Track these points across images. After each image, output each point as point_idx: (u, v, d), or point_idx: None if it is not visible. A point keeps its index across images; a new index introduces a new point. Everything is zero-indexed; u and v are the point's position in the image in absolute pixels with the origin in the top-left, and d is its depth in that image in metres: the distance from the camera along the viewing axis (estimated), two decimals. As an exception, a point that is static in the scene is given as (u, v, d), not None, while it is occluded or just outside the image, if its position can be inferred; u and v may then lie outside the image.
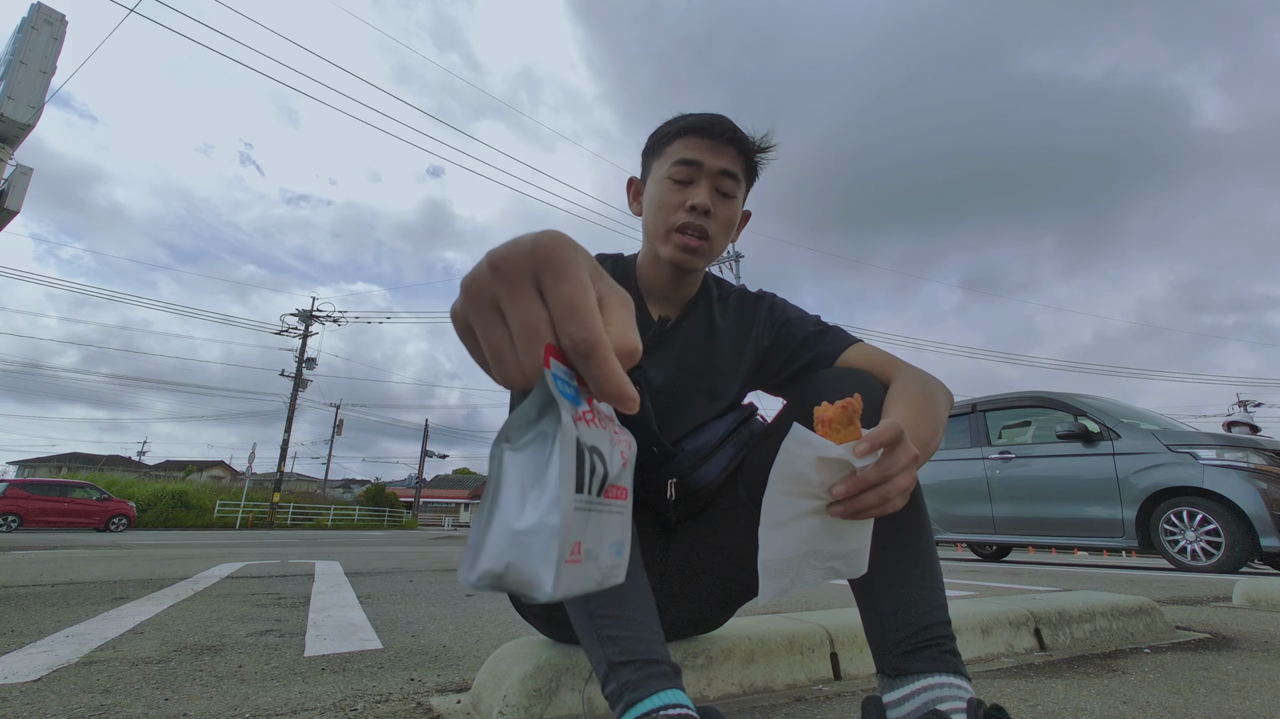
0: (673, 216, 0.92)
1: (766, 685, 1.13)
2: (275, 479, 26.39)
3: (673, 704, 0.59)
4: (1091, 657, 1.46)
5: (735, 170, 0.93)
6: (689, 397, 0.97)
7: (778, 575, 0.61)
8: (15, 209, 5.96)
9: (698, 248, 0.91)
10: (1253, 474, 4.57)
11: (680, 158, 0.92)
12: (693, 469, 0.94)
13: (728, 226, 0.95)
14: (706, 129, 0.92)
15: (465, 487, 62.10)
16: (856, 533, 0.64)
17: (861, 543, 0.64)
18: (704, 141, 0.91)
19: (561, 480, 0.29)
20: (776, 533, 0.61)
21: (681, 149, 0.92)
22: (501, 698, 0.90)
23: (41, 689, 1.15)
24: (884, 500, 0.59)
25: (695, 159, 0.91)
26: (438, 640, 1.67)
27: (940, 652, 0.70)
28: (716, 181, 0.92)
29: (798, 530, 0.61)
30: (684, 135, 0.93)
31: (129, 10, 9.27)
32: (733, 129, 0.92)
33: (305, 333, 27.87)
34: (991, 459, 6.09)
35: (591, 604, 0.66)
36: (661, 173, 0.94)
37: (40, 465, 45.01)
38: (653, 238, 0.95)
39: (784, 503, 0.61)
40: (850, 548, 0.64)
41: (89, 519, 16.42)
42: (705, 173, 0.91)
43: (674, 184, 0.92)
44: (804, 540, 0.62)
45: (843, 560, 0.63)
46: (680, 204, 0.91)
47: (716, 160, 0.91)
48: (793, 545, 0.61)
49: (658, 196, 0.94)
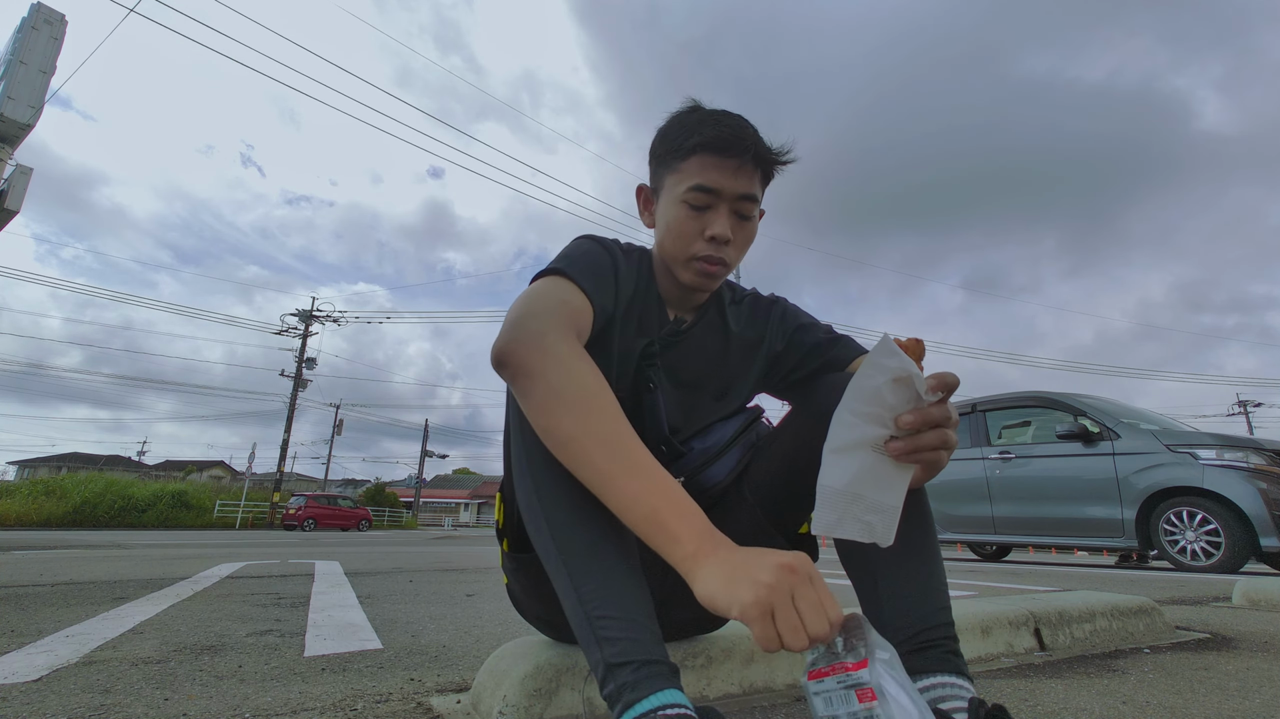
0: (692, 246, 0.88)
1: (767, 685, 1.13)
2: (275, 479, 26.39)
3: (671, 704, 0.59)
4: (1091, 657, 1.46)
5: (755, 193, 0.88)
6: (700, 397, 0.97)
7: (830, 507, 0.66)
8: (15, 209, 5.96)
9: (715, 273, 0.89)
10: (1253, 474, 4.57)
11: (697, 184, 0.86)
12: (701, 469, 0.94)
13: (745, 246, 0.92)
14: (725, 149, 0.85)
15: (465, 486, 62.10)
16: (898, 485, 0.67)
17: (897, 501, 0.66)
18: (723, 162, 0.85)
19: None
20: (837, 458, 0.65)
21: (698, 171, 0.86)
22: (501, 698, 0.90)
23: (41, 689, 1.15)
24: (943, 444, 0.62)
25: (714, 187, 0.85)
26: (438, 640, 1.67)
27: (943, 652, 0.70)
28: (735, 206, 0.87)
29: (854, 462, 0.65)
30: (700, 153, 0.86)
31: (129, 10, 9.27)
32: (754, 144, 0.85)
33: (305, 333, 27.86)
34: (991, 459, 6.10)
35: (589, 605, 0.66)
36: (676, 194, 0.88)
37: (40, 465, 44.97)
38: (670, 260, 0.92)
39: (851, 424, 0.66)
40: (889, 503, 0.66)
41: (349, 521, 23.97)
42: (724, 198, 0.86)
43: (691, 210, 0.87)
44: (856, 477, 0.65)
45: (879, 517, 0.66)
46: (699, 233, 0.87)
47: (736, 185, 0.86)
48: (847, 477, 0.65)
49: (674, 223, 0.89)
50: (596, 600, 0.66)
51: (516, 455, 0.75)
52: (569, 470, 0.68)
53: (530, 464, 0.73)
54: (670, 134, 0.91)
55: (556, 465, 0.70)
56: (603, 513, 0.69)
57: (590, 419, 0.66)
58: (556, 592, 0.70)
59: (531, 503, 0.72)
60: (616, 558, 0.69)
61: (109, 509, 21.12)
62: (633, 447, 0.66)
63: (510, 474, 0.83)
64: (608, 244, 0.93)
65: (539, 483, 0.72)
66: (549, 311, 0.74)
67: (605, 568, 0.68)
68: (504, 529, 0.90)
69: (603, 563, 0.68)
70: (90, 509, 20.78)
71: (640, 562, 0.73)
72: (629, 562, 0.69)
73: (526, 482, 0.73)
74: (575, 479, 0.68)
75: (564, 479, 0.70)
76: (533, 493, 0.72)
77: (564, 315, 0.75)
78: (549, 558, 0.70)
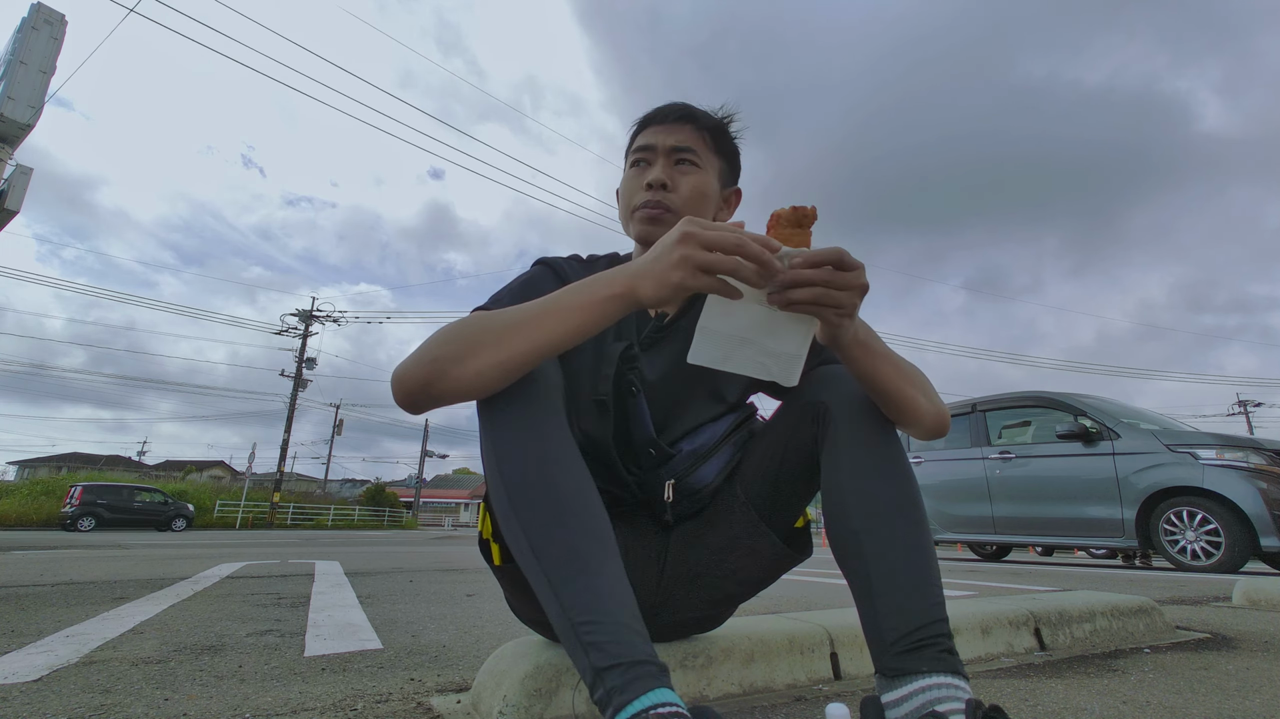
0: (634, 198, 0.96)
1: (767, 685, 1.13)
2: (275, 479, 26.39)
3: (662, 703, 0.59)
4: (1091, 657, 1.46)
5: (691, 145, 0.96)
6: (688, 396, 0.97)
7: (710, 346, 0.69)
8: (15, 209, 5.96)
9: (658, 216, 0.93)
10: (1253, 474, 4.57)
11: (636, 146, 0.98)
12: (690, 470, 0.93)
13: (697, 198, 0.95)
14: (658, 116, 0.98)
15: (465, 486, 62.11)
16: (793, 336, 0.70)
17: (797, 349, 0.70)
18: (657, 127, 0.97)
19: None
20: (720, 307, 0.68)
21: (639, 140, 0.98)
22: (501, 698, 0.90)
23: (41, 689, 1.15)
24: (815, 300, 0.65)
25: (649, 143, 0.96)
26: (438, 640, 1.67)
27: (938, 651, 0.70)
28: (673, 158, 0.96)
29: (741, 313, 0.68)
30: (641, 128, 0.99)
31: (129, 10, 9.27)
32: (684, 108, 0.98)
33: (305, 333, 27.87)
34: (991, 459, 6.09)
35: (571, 612, 0.65)
36: (625, 167, 1.00)
37: (40, 465, 45.00)
38: (625, 226, 1.00)
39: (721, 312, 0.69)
40: (786, 351, 0.70)
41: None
42: (659, 153, 0.96)
43: (634, 170, 0.98)
44: (744, 325, 0.69)
45: (776, 361, 0.70)
46: (639, 186, 0.96)
47: (669, 139, 0.96)
48: (732, 325, 0.69)
49: (622, 188, 1.00)
50: (579, 606, 0.65)
51: (489, 466, 0.75)
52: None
53: (503, 474, 0.72)
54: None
55: (530, 474, 0.71)
56: (579, 518, 0.69)
57: (473, 322, 0.73)
58: (540, 601, 0.69)
59: (506, 512, 0.72)
60: (597, 562, 0.68)
61: (109, 509, 21.09)
62: (517, 308, 0.73)
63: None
64: (557, 264, 0.99)
65: (512, 493, 0.71)
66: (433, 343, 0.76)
67: (585, 573, 0.67)
68: (492, 538, 0.90)
69: (582, 568, 0.67)
70: (90, 509, 20.75)
71: (625, 564, 0.72)
72: (610, 565, 0.69)
73: (500, 492, 0.72)
74: (549, 486, 0.70)
75: (538, 486, 0.70)
76: (506, 502, 0.72)
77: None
78: (529, 566, 0.70)
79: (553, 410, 0.75)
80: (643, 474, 0.94)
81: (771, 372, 0.70)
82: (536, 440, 0.72)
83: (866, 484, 0.78)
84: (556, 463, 0.72)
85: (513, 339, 0.70)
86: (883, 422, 0.81)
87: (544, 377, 0.76)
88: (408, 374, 0.71)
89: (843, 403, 0.83)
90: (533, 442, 0.72)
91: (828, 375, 0.87)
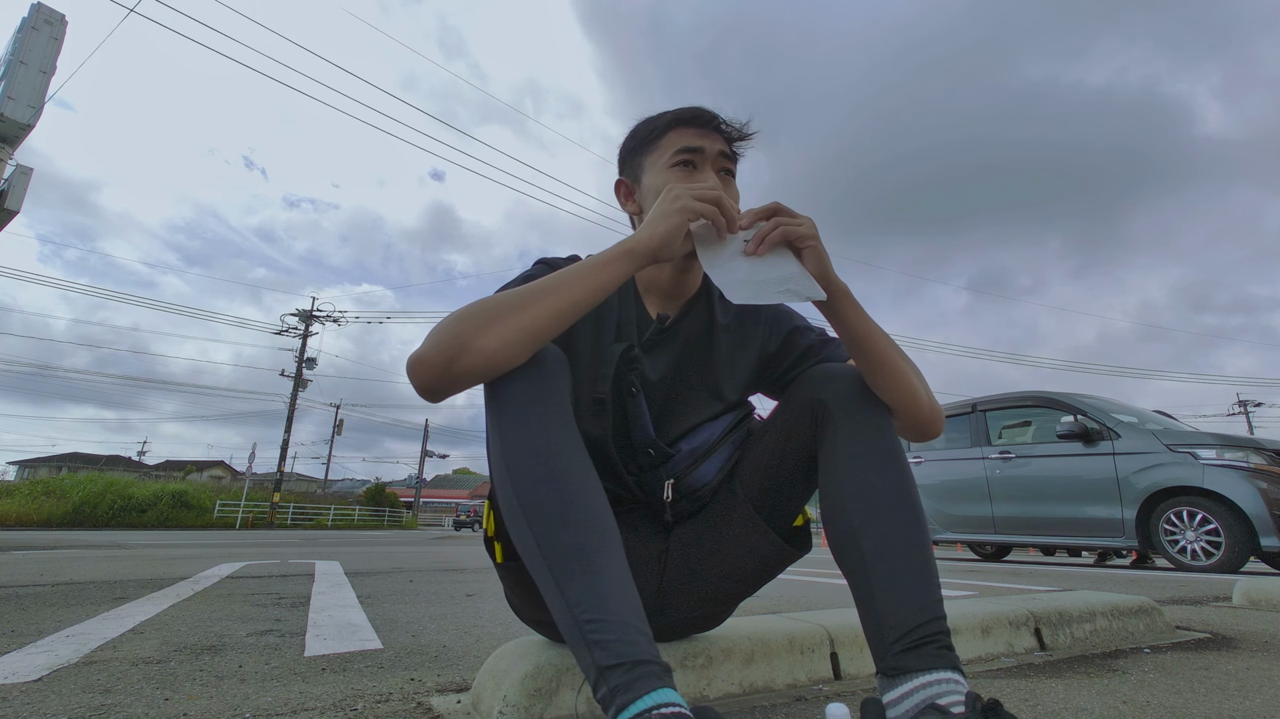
0: None
1: (767, 685, 1.13)
2: (275, 479, 26.39)
3: (665, 703, 0.59)
4: (1091, 657, 1.46)
5: (730, 154, 0.95)
6: (688, 396, 0.97)
7: (736, 291, 0.76)
8: (15, 209, 5.96)
9: None
10: (1253, 474, 4.57)
11: (681, 146, 0.93)
12: (689, 469, 0.93)
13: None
14: (696, 119, 0.94)
15: (465, 486, 62.12)
16: (785, 263, 0.78)
17: (799, 269, 0.78)
18: (698, 130, 0.94)
19: None
20: (723, 267, 0.78)
21: (678, 139, 0.94)
22: (501, 698, 0.90)
23: (41, 689, 1.15)
24: (781, 234, 0.78)
25: (696, 145, 0.93)
26: (438, 640, 1.67)
27: (937, 648, 0.70)
28: (719, 165, 0.94)
29: (740, 266, 0.78)
30: (676, 127, 0.94)
31: (129, 10, 9.27)
32: (718, 118, 0.95)
33: (305, 333, 27.87)
34: (991, 459, 6.09)
35: (576, 610, 0.65)
36: (662, 163, 0.94)
37: (40, 465, 45.02)
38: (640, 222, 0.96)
39: (713, 250, 0.81)
40: (791, 273, 0.77)
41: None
42: (707, 157, 0.93)
43: (681, 170, 0.93)
44: (746, 271, 0.77)
45: (792, 283, 0.77)
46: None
47: (715, 145, 0.93)
48: (739, 273, 0.77)
49: (657, 183, 0.94)
50: (584, 604, 0.65)
51: (496, 463, 0.75)
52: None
53: (510, 471, 0.72)
54: (640, 128, 0.99)
55: (537, 470, 0.70)
56: (586, 516, 0.69)
57: (489, 298, 0.76)
58: (544, 598, 0.69)
59: (513, 509, 0.71)
60: (602, 560, 0.68)
61: (109, 509, 21.12)
62: (533, 282, 0.77)
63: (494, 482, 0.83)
64: (557, 264, 0.95)
65: (519, 489, 0.71)
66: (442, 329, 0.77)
67: (591, 571, 0.67)
68: (495, 536, 0.90)
69: (588, 566, 0.67)
70: (90, 509, 20.78)
71: (629, 563, 0.72)
72: (616, 563, 0.69)
73: (507, 488, 0.72)
74: (557, 484, 0.70)
75: (544, 483, 0.70)
76: (514, 499, 0.71)
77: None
78: (534, 564, 0.69)
79: (561, 409, 0.75)
80: (642, 474, 0.94)
81: (798, 294, 0.76)
82: (544, 438, 0.72)
83: (864, 482, 0.78)
84: (564, 461, 0.72)
85: (535, 304, 0.74)
86: (881, 420, 0.81)
87: (553, 376, 0.76)
88: (427, 355, 0.71)
89: (841, 401, 0.83)
90: (540, 439, 0.72)
91: (826, 374, 0.87)
